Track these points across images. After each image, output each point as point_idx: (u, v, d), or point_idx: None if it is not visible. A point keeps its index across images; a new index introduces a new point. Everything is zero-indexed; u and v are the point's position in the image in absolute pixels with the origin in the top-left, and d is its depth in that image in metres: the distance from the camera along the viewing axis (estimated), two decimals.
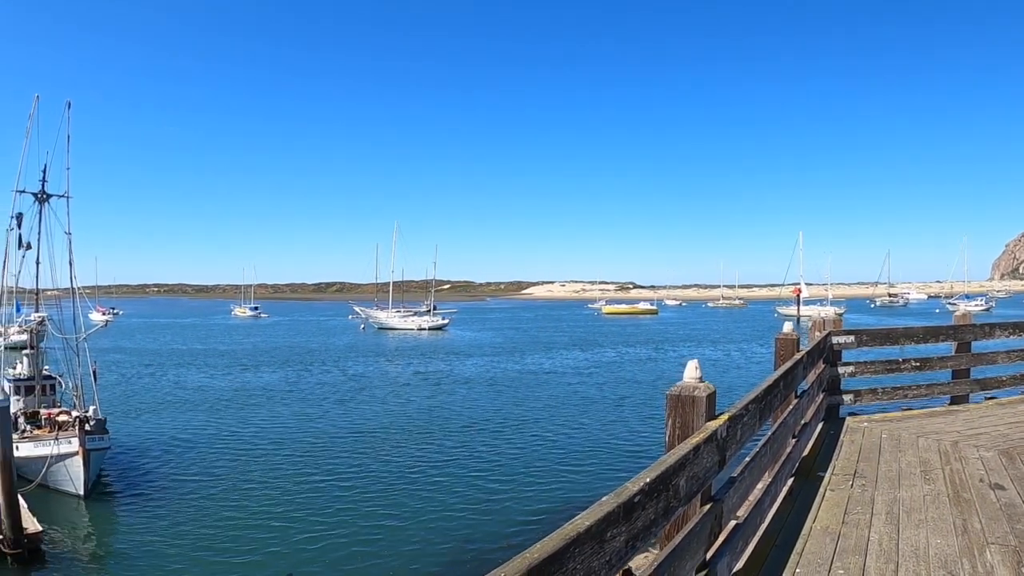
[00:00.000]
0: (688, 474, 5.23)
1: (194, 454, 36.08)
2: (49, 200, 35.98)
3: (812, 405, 12.49)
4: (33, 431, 31.63)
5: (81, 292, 39.99)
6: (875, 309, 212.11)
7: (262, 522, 25.82)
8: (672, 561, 5.04)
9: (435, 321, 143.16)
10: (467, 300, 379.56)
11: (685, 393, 6.87)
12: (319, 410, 47.97)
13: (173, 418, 45.70)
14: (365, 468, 32.99)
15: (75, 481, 28.67)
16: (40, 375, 35.66)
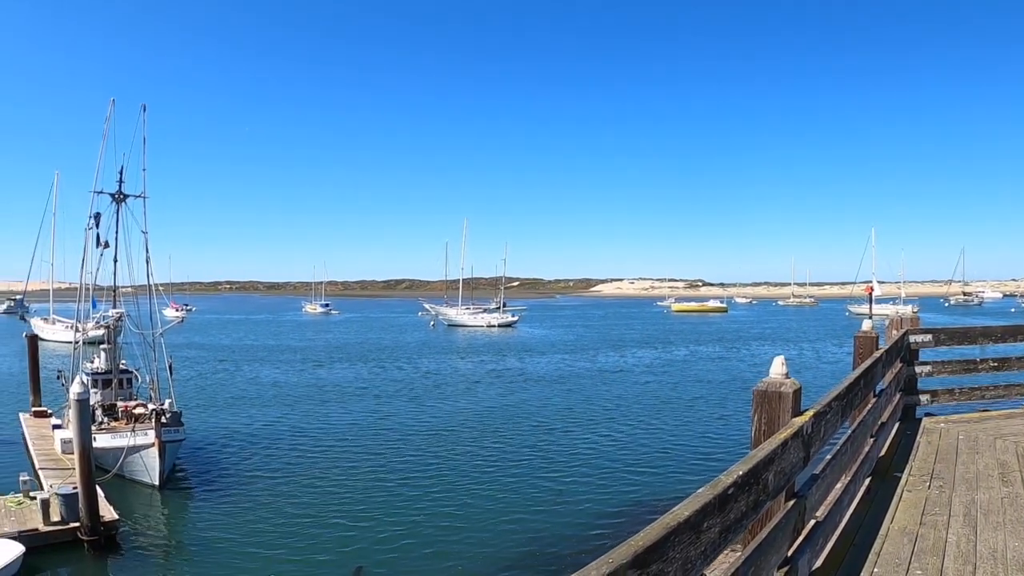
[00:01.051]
0: (776, 469, 5.45)
1: (265, 448, 37.65)
2: (126, 200, 37.77)
3: (889, 405, 12.49)
4: (110, 423, 33.44)
5: (157, 289, 41.76)
6: (949, 308, 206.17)
7: (331, 517, 26.89)
8: (759, 556, 5.27)
9: (505, 318, 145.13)
10: (536, 297, 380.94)
11: (772, 389, 7.01)
12: (390, 407, 49.22)
13: (246, 412, 47.74)
14: (436, 465, 33.86)
15: (150, 472, 30.37)
16: (117, 369, 37.47)
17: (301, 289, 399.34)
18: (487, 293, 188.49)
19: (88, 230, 38.29)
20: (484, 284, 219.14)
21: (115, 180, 37.67)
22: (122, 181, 37.69)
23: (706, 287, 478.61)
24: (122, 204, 37.90)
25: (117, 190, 37.72)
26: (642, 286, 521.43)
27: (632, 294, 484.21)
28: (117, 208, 37.85)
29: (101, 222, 37.99)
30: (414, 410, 47.96)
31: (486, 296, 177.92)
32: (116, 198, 37.77)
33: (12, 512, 25.12)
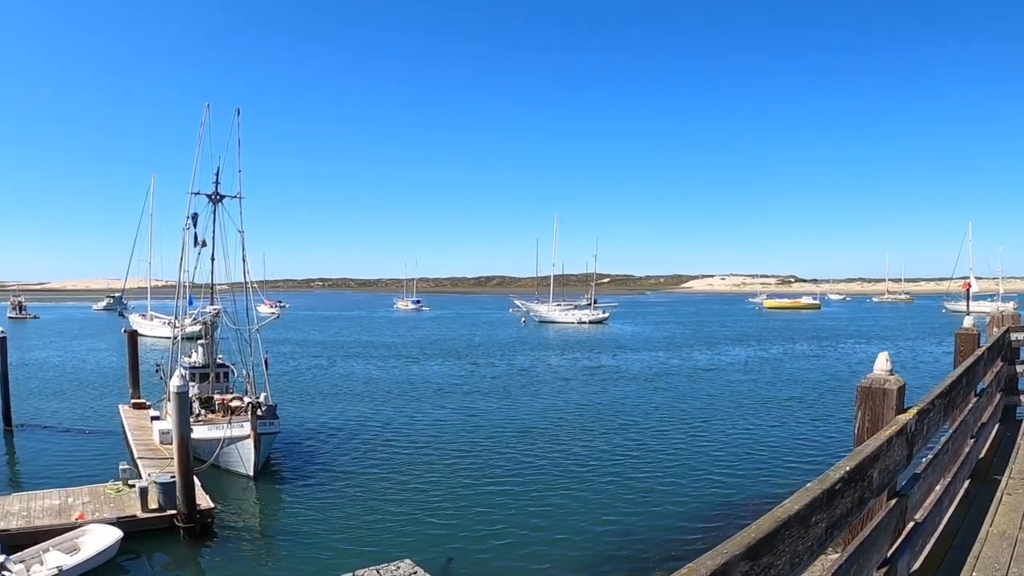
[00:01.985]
0: (880, 466, 5.45)
1: (357, 442, 38.71)
2: (222, 200, 39.21)
3: (990, 405, 12.10)
4: (207, 415, 34.75)
5: (253, 286, 43.26)
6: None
7: (421, 512, 27.46)
8: (861, 555, 5.28)
9: (596, 315, 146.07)
10: (626, 294, 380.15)
11: (876, 385, 6.96)
12: (482, 404, 49.96)
13: (339, 407, 49.23)
14: (528, 463, 34.22)
15: (246, 463, 31.60)
16: (214, 363, 39.04)
17: (392, 286, 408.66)
18: (577, 289, 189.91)
19: (186, 230, 40.11)
20: (574, 280, 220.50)
21: (212, 181, 39.19)
22: (218, 182, 39.36)
23: (798, 283, 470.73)
24: (219, 204, 39.41)
25: (214, 191, 39.32)
26: (733, 282, 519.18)
27: (723, 290, 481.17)
28: (214, 208, 39.46)
29: (198, 222, 39.56)
30: (506, 407, 48.59)
31: (576, 292, 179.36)
32: (213, 199, 39.36)
33: (111, 499, 26.52)
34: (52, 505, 26.03)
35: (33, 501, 26.47)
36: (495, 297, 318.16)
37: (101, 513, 25.01)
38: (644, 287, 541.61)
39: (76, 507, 25.60)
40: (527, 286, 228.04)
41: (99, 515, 24.78)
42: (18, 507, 25.80)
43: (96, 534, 23.26)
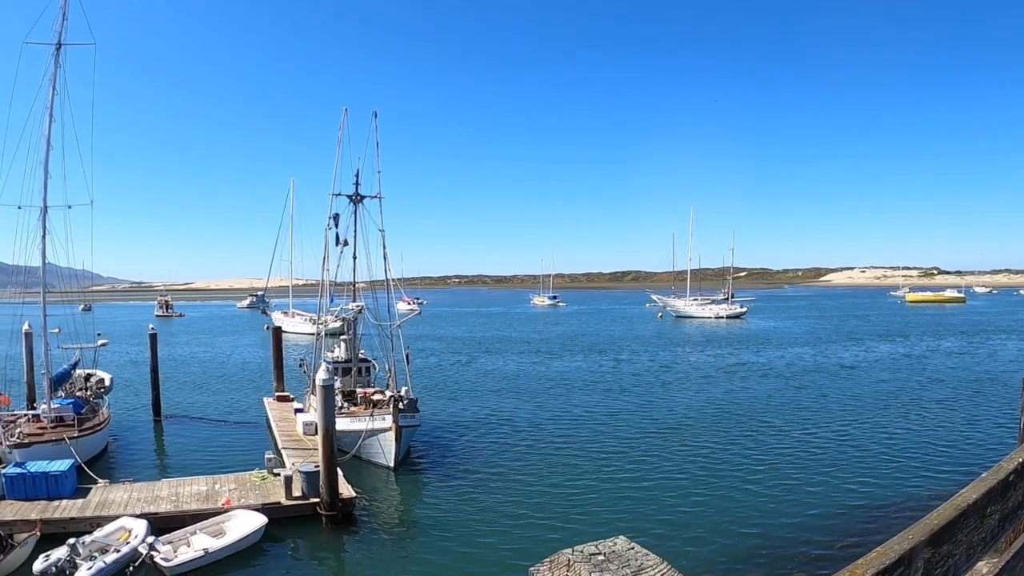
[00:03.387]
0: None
1: (496, 436, 39.71)
2: (363, 201, 40.52)
3: None
4: (350, 408, 36.01)
5: (396, 284, 44.61)
6: None
7: (557, 504, 27.99)
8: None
9: (733, 309, 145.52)
10: (764, 288, 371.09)
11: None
12: (620, 399, 50.44)
13: (478, 401, 50.59)
14: (666, 458, 34.39)
15: (387, 454, 32.78)
16: (357, 358, 40.42)
17: (528, 282, 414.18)
18: (714, 284, 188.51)
19: (328, 230, 41.83)
20: (711, 275, 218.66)
21: (352, 183, 40.65)
22: (358, 183, 40.75)
23: (941, 275, 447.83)
24: (359, 205, 40.76)
25: (354, 192, 40.71)
26: (873, 275, 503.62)
27: (863, 283, 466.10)
28: (355, 209, 40.81)
29: (339, 222, 41.05)
30: (645, 404, 48.85)
31: (713, 287, 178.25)
32: (353, 199, 40.81)
33: (257, 486, 28.05)
34: (200, 491, 27.79)
35: (182, 487, 28.38)
36: (631, 292, 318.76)
37: (247, 499, 26.56)
38: (781, 280, 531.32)
39: (223, 493, 27.25)
40: (663, 281, 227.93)
41: (245, 501, 26.35)
42: (167, 492, 27.70)
43: (242, 519, 24.75)
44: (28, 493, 26.88)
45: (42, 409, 35.86)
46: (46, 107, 34.49)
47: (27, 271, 38.75)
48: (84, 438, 33.73)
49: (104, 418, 37.81)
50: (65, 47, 34.90)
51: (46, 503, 26.33)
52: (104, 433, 37.07)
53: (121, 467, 34.30)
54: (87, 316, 47.32)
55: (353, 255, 41.15)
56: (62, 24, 34.53)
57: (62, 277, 39.67)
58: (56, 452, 30.80)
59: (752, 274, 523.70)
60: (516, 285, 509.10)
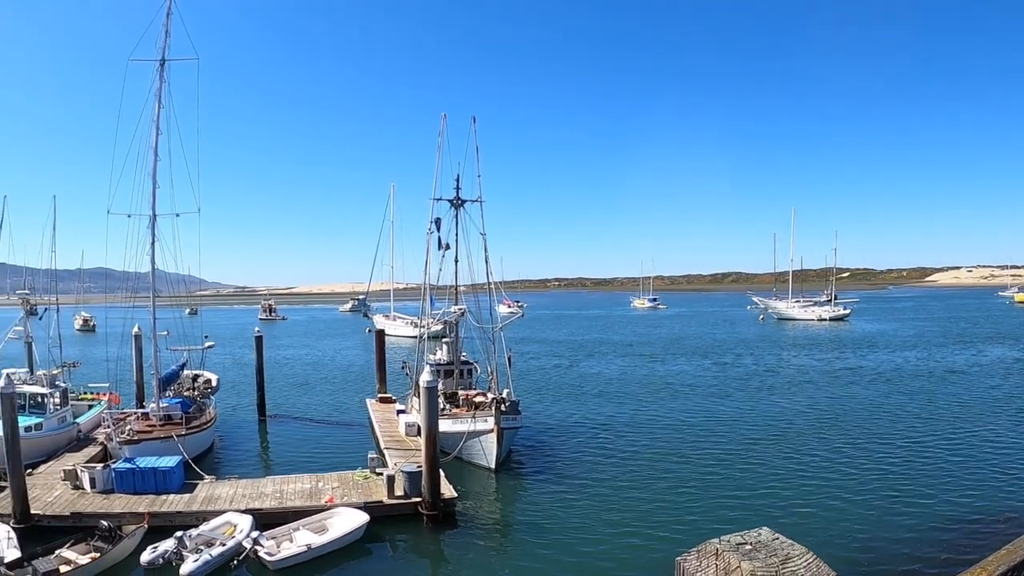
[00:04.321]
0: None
1: (597, 439, 39.74)
2: (464, 205, 41.05)
3: None
4: (452, 410, 36.46)
5: (497, 287, 45.06)
6: None
7: (657, 510, 27.80)
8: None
9: (836, 311, 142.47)
10: (867, 289, 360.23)
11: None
12: (722, 402, 50.05)
13: (579, 404, 50.71)
14: (771, 463, 33.98)
15: (488, 456, 33.18)
16: (459, 360, 40.90)
17: (628, 284, 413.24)
18: (816, 285, 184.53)
19: (429, 234, 42.40)
20: (813, 276, 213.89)
21: (452, 187, 41.19)
22: (459, 188, 41.26)
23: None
24: (460, 209, 41.28)
25: (455, 196, 41.25)
26: (980, 275, 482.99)
27: (970, 283, 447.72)
28: (456, 213, 41.35)
29: (441, 226, 41.62)
30: (747, 407, 48.31)
31: (815, 288, 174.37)
32: (455, 204, 41.31)
33: (359, 485, 28.69)
34: (303, 488, 28.58)
35: (286, 484, 29.25)
36: (732, 294, 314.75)
37: (349, 497, 27.20)
38: (885, 281, 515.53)
39: (326, 491, 27.94)
40: (765, 282, 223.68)
41: (347, 499, 27.00)
42: (271, 489, 28.57)
43: (344, 516, 25.37)
44: (137, 487, 28.18)
45: (151, 408, 37.53)
46: (152, 120, 36.23)
47: (137, 277, 40.61)
48: (191, 436, 35.09)
49: (211, 417, 39.34)
50: (169, 63, 36.61)
51: (154, 497, 27.56)
52: (211, 431, 38.54)
53: (227, 464, 35.67)
54: (194, 320, 49.19)
55: (455, 258, 41.73)
56: (165, 41, 36.32)
57: (170, 282, 41.31)
58: (164, 449, 32.20)
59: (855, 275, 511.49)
60: (616, 288, 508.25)
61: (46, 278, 55.00)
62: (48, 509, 26.55)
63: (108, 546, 23.16)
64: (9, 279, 54.13)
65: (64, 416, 38.45)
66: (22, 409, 34.52)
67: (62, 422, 37.92)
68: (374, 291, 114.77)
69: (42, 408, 36.97)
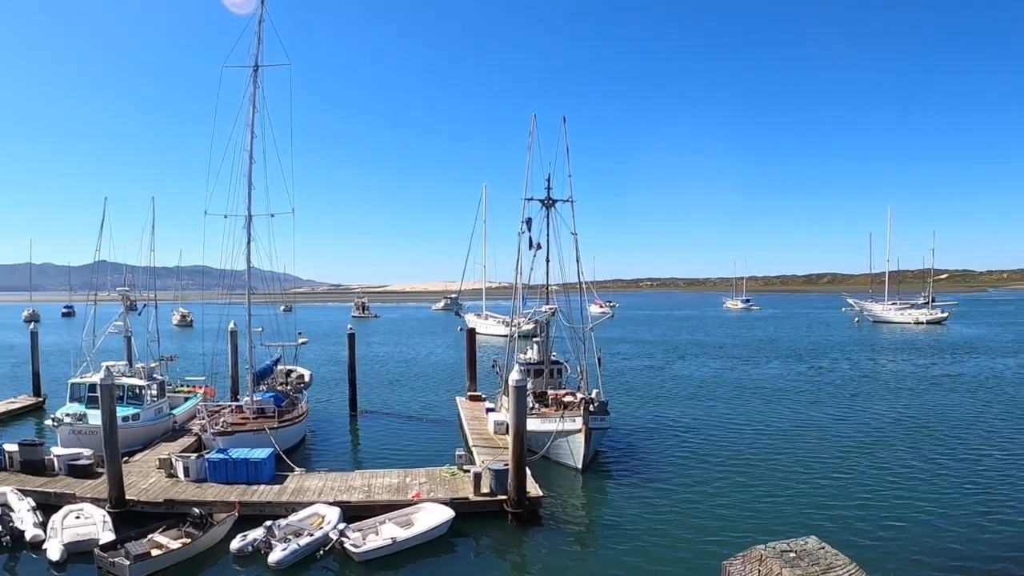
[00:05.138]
0: None
1: (686, 441, 39.56)
2: (554, 205, 41.19)
3: None
4: (541, 409, 36.66)
5: (589, 287, 45.09)
6: None
7: (744, 514, 27.53)
8: None
9: (934, 314, 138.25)
10: (966, 291, 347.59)
11: None
12: (816, 408, 49.23)
13: (669, 405, 50.56)
14: (861, 471, 33.31)
15: (575, 456, 33.29)
16: (549, 360, 41.09)
17: (720, 285, 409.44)
18: (913, 287, 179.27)
19: (521, 234, 42.64)
20: (910, 277, 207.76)
21: (543, 187, 41.37)
22: (550, 187, 41.48)
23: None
24: (551, 209, 41.43)
25: (546, 196, 41.43)
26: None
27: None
28: (547, 213, 41.52)
29: (532, 226, 41.85)
30: (840, 412, 47.49)
31: (912, 290, 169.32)
32: (545, 204, 41.50)
33: (446, 481, 29.12)
34: (391, 483, 29.15)
35: (374, 478, 29.88)
36: (826, 295, 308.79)
37: (436, 493, 27.64)
38: (985, 283, 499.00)
39: (413, 486, 28.46)
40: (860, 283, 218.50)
41: (434, 495, 27.45)
42: (360, 483, 29.22)
43: (430, 512, 25.80)
44: (229, 477, 29.17)
45: (245, 401, 38.71)
46: (247, 124, 37.48)
47: (233, 274, 42.00)
48: (283, 429, 36.16)
49: (303, 411, 40.36)
50: (262, 68, 37.81)
51: (245, 487, 28.51)
52: (302, 425, 39.55)
53: (317, 457, 36.48)
54: (288, 317, 50.40)
55: (546, 258, 41.89)
56: (258, 48, 37.54)
57: (265, 280, 42.45)
58: (257, 441, 33.22)
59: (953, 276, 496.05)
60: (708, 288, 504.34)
61: (145, 275, 57.20)
62: (143, 495, 27.76)
63: (199, 532, 24.11)
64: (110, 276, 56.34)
65: (160, 407, 40.03)
66: (120, 400, 36.16)
67: (158, 413, 39.48)
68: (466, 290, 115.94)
69: (140, 399, 38.61)
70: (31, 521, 25.16)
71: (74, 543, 23.59)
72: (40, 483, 29.35)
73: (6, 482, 29.19)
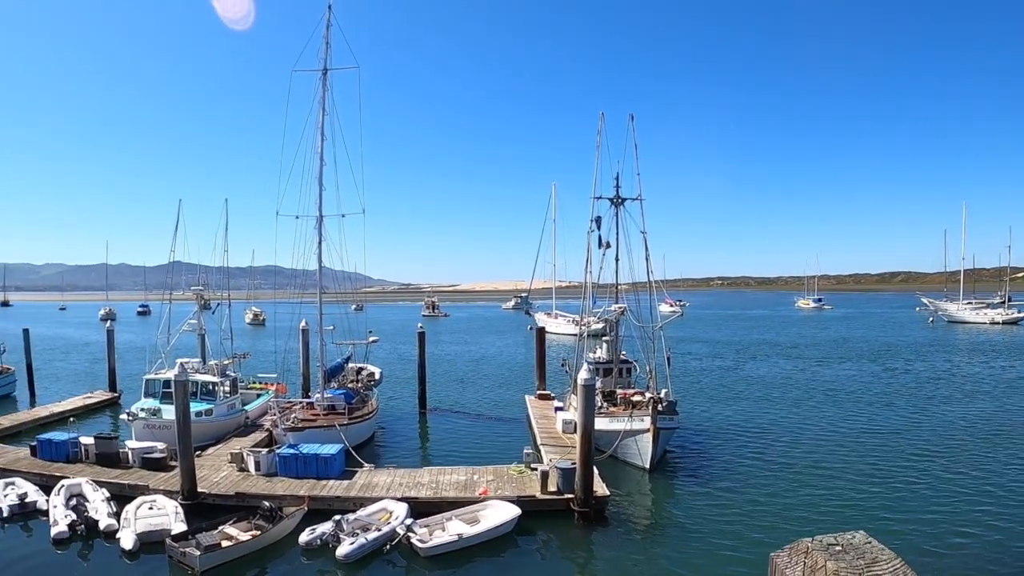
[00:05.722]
0: None
1: (755, 443, 39.08)
2: (624, 203, 41.03)
3: None
4: (609, 408, 36.62)
5: (658, 285, 44.86)
6: None
7: (815, 518, 27.05)
8: None
9: (1010, 314, 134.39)
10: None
11: None
12: (888, 411, 48.17)
13: (738, 406, 50.10)
14: (930, 474, 32.76)
15: (643, 455, 33.26)
16: (618, 359, 41.02)
17: (792, 284, 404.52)
18: (989, 286, 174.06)
19: (590, 233, 42.56)
20: (986, 275, 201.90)
21: (612, 186, 41.31)
22: (619, 186, 41.29)
23: None
24: (620, 207, 41.31)
25: (615, 194, 41.32)
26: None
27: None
28: (616, 211, 41.40)
29: (602, 224, 41.82)
30: (910, 415, 46.55)
31: (988, 289, 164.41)
32: (615, 202, 41.38)
33: (514, 479, 29.29)
34: (458, 480, 29.42)
35: (442, 475, 30.20)
36: (900, 294, 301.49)
37: (503, 491, 27.83)
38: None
39: (480, 483, 28.68)
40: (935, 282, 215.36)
41: (501, 492, 27.64)
42: (427, 479, 29.54)
43: (496, 509, 26.01)
44: (299, 472, 29.73)
45: (316, 398, 39.44)
46: (317, 127, 38.40)
47: (304, 274, 42.75)
48: (353, 425, 36.78)
49: (372, 408, 41.03)
50: (331, 72, 38.65)
51: (315, 482, 29.03)
52: (372, 422, 40.20)
53: (386, 454, 37.10)
54: (359, 315, 51.14)
55: (616, 257, 41.79)
56: (326, 52, 38.40)
57: (336, 279, 43.12)
58: (327, 437, 33.83)
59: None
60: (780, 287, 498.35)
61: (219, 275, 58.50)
62: (214, 488, 28.53)
63: (269, 525, 24.72)
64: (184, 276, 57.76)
65: (233, 403, 41.10)
66: (194, 396, 37.35)
67: (231, 409, 40.51)
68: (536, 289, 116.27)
69: (213, 395, 39.72)
70: (105, 511, 26.26)
71: (147, 533, 24.47)
72: (114, 475, 30.52)
73: (82, 473, 30.45)
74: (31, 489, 28.86)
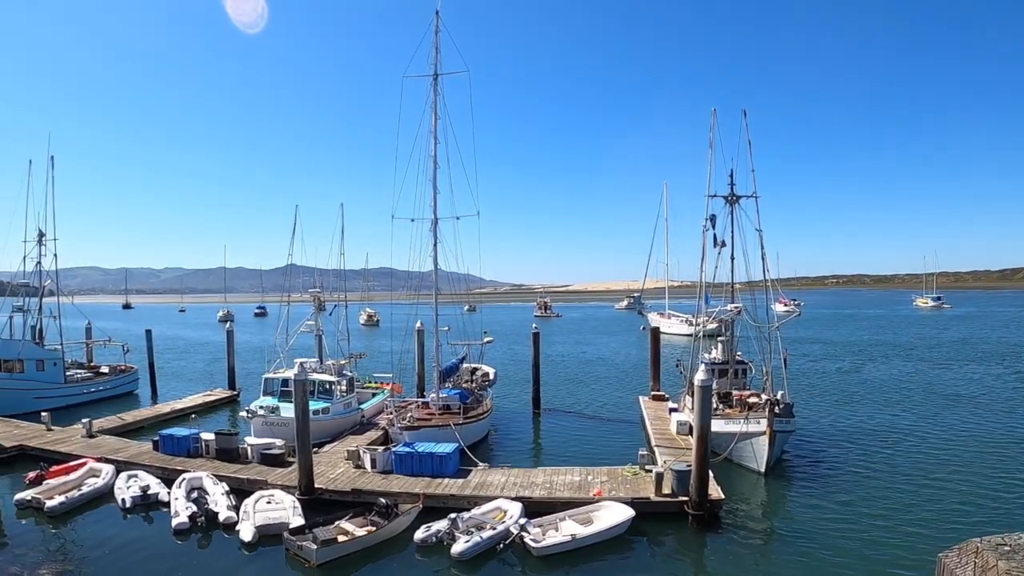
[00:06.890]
0: None
1: (873, 447, 38.04)
2: (739, 201, 40.56)
3: None
4: (724, 410, 36.29)
5: (774, 285, 44.21)
6: None
7: (932, 523, 26.41)
8: None
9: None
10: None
11: None
12: (1010, 415, 46.35)
13: (855, 409, 48.93)
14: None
15: (759, 458, 32.85)
16: (733, 360, 40.57)
17: (909, 282, 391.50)
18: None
19: (705, 231, 42.18)
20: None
21: (727, 183, 40.83)
22: (733, 184, 40.81)
23: None
24: (735, 205, 40.84)
25: (729, 192, 40.85)
26: None
27: None
28: (731, 209, 40.94)
29: (716, 223, 41.41)
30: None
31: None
32: (729, 200, 40.90)
33: (627, 480, 29.28)
34: (572, 480, 29.56)
35: (556, 475, 30.39)
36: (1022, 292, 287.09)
37: (617, 492, 27.82)
38: None
39: (594, 484, 28.76)
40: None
41: (615, 494, 27.63)
42: (542, 479, 29.77)
43: (610, 510, 26.04)
44: (414, 470, 30.33)
45: (431, 397, 40.18)
46: (430, 131, 39.18)
47: (420, 276, 43.59)
48: (468, 425, 37.31)
49: (487, 408, 41.50)
50: (441, 76, 39.34)
51: (430, 480, 29.55)
52: (486, 422, 40.66)
53: (500, 453, 37.54)
54: (472, 316, 51.76)
55: (730, 256, 41.33)
56: (436, 57, 39.10)
57: (450, 281, 43.83)
58: (442, 436, 34.45)
59: None
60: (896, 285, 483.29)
61: (334, 277, 59.99)
62: (331, 484, 29.39)
63: (384, 521, 25.35)
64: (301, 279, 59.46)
65: (350, 402, 42.19)
66: (312, 395, 38.47)
67: (347, 407, 41.60)
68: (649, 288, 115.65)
69: (330, 394, 40.86)
70: (225, 504, 27.45)
71: (265, 526, 25.56)
72: (234, 470, 31.84)
73: (203, 468, 31.94)
74: (153, 482, 30.61)
